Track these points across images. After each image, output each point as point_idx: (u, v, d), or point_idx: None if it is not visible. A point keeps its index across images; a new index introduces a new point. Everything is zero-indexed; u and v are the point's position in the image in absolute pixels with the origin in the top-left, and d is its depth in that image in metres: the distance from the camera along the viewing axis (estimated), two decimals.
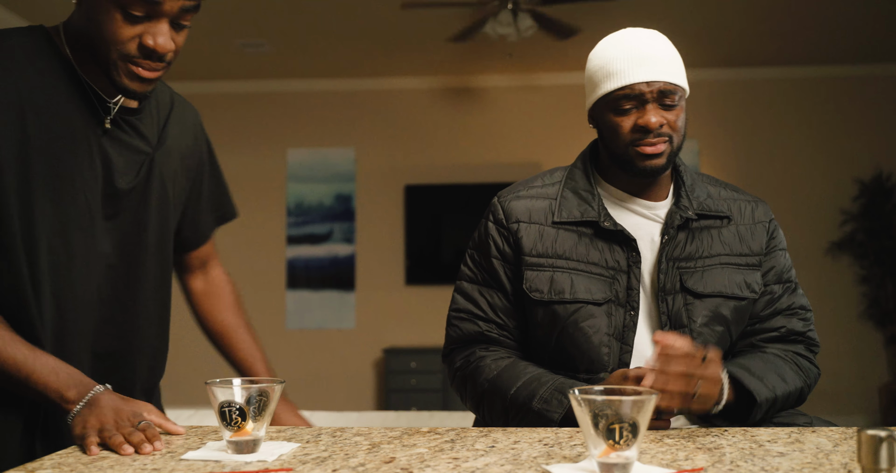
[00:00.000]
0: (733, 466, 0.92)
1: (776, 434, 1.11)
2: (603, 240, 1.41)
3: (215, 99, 6.60)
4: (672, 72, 1.38)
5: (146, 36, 1.15)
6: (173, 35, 1.18)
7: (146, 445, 1.01)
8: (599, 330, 1.37)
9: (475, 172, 6.46)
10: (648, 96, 1.36)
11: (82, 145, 1.23)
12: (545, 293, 1.40)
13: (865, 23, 5.35)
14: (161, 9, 1.14)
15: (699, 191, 1.46)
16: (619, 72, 1.37)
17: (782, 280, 1.48)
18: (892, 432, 0.77)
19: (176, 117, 1.39)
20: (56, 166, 1.20)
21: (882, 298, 5.93)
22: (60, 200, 1.20)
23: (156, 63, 1.18)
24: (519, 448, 1.04)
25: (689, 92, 1.44)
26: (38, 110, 1.19)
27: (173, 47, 1.18)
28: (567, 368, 1.40)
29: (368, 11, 5.09)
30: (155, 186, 1.33)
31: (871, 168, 6.14)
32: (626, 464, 0.87)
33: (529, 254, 1.42)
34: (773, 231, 1.50)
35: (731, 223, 1.45)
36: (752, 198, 1.52)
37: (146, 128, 1.32)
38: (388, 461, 0.97)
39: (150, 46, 1.16)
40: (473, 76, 6.54)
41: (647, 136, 1.36)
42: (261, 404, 1.01)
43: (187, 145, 1.42)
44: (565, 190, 1.47)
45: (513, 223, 1.45)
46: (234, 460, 0.98)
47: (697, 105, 6.47)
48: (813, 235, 6.08)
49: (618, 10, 4.94)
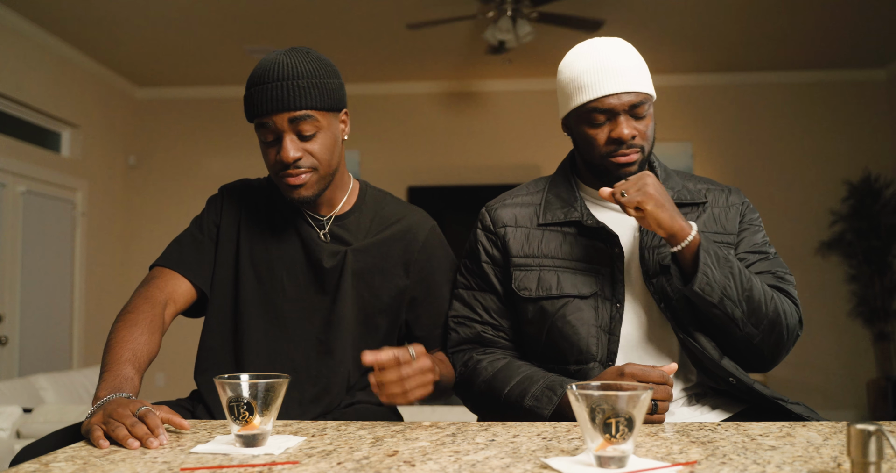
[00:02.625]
0: (726, 459, 0.94)
1: (768, 429, 1.13)
2: (586, 238, 1.46)
3: (222, 103, 6.62)
4: (640, 82, 1.41)
5: (278, 154, 1.40)
6: (304, 145, 1.39)
7: (152, 440, 1.03)
8: (587, 322, 1.41)
9: (477, 173, 6.50)
10: (619, 109, 1.39)
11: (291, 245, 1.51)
12: (533, 291, 1.45)
13: (855, 29, 5.39)
14: (276, 129, 1.38)
15: (673, 183, 1.51)
16: (590, 85, 1.41)
17: (754, 250, 1.50)
18: (881, 426, 0.79)
19: (391, 232, 1.55)
20: (261, 254, 1.51)
21: (870, 296, 5.99)
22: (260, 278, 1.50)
23: (295, 170, 1.39)
24: (518, 442, 1.06)
25: (684, 95, 1.46)
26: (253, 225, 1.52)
27: (299, 154, 1.38)
28: (557, 361, 1.44)
29: (372, 19, 5.10)
30: (347, 274, 1.50)
31: (860, 170, 6.19)
32: (622, 457, 0.89)
33: (517, 255, 1.48)
34: (746, 213, 1.53)
35: (706, 208, 1.50)
36: (725, 187, 1.56)
37: (351, 232, 1.52)
38: (392, 454, 0.99)
39: (281, 160, 1.38)
40: (475, 81, 6.58)
41: (621, 147, 1.40)
42: (268, 399, 1.03)
43: (396, 255, 1.55)
44: (549, 195, 1.53)
45: (500, 229, 1.52)
46: (241, 453, 1.00)
47: (691, 108, 6.52)
48: (803, 235, 6.13)
49: (614, 20, 4.97)
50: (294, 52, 1.40)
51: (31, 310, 5.14)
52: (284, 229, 1.51)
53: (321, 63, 1.41)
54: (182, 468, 0.92)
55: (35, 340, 5.18)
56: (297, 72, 1.37)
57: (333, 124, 1.43)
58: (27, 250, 5.11)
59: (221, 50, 5.70)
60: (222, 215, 1.53)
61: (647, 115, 1.42)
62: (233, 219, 1.52)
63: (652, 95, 1.43)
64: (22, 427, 3.09)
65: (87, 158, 5.93)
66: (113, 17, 5.03)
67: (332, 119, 1.42)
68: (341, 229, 1.51)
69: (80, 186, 5.81)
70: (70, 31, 5.27)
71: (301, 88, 1.36)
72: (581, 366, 1.41)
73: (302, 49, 1.42)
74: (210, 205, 1.57)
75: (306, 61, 1.39)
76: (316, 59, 1.41)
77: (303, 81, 1.36)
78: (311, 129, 1.38)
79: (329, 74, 1.41)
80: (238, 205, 1.54)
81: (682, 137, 6.33)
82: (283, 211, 1.52)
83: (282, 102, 1.35)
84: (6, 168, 4.91)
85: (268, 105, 1.36)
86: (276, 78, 1.36)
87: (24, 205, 5.09)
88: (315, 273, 1.48)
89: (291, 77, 1.36)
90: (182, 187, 6.62)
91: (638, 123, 1.41)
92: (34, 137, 5.45)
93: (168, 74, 6.32)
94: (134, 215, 6.63)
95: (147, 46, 5.62)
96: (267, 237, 1.51)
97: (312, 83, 1.37)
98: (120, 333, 1.32)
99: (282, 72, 1.36)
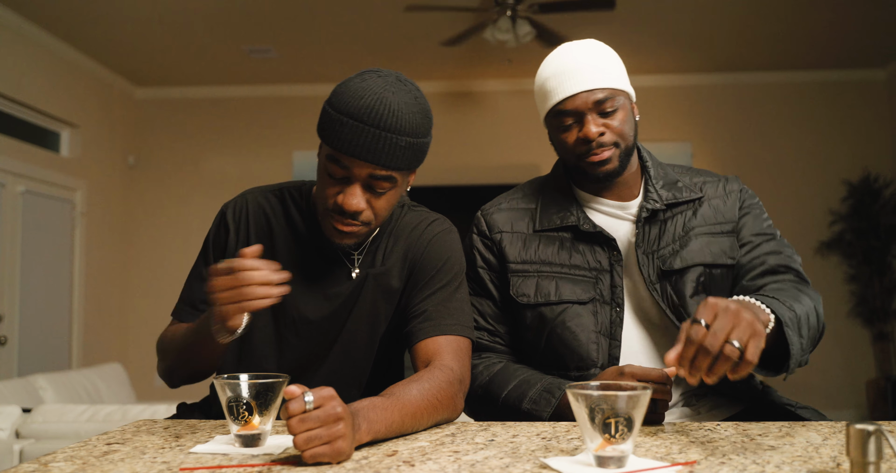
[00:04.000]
0: (726, 459, 0.94)
1: (767, 428, 1.13)
2: (584, 243, 1.45)
3: (223, 103, 6.63)
4: (603, 78, 1.40)
5: (340, 195, 1.26)
6: (370, 197, 1.27)
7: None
8: (587, 328, 1.40)
9: (476, 173, 6.50)
10: (584, 108, 1.39)
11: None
12: (532, 297, 1.44)
13: (854, 29, 5.40)
14: (351, 173, 1.24)
15: (666, 181, 1.49)
16: (553, 90, 1.41)
17: (759, 233, 1.47)
18: (880, 426, 0.80)
19: (401, 243, 1.42)
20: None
21: (869, 296, 5.99)
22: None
23: (349, 220, 1.27)
24: (517, 442, 1.06)
25: (684, 95, 1.46)
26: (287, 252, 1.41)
27: (362, 208, 1.26)
28: (558, 367, 1.43)
29: (372, 18, 5.11)
30: (368, 297, 1.40)
31: (859, 170, 6.19)
32: (621, 457, 0.89)
33: (514, 262, 1.47)
34: (745, 199, 1.51)
35: (703, 201, 1.48)
36: (722, 177, 1.55)
37: (374, 255, 1.41)
38: (391, 454, 0.99)
39: (340, 204, 1.26)
40: (474, 81, 6.59)
41: (591, 147, 1.39)
42: (267, 399, 1.03)
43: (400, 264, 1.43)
44: (544, 199, 1.51)
45: (496, 234, 1.50)
46: (241, 453, 1.00)
47: (691, 108, 6.53)
48: (803, 235, 6.14)
49: (613, 20, 4.97)
50: (403, 92, 1.24)
51: (31, 310, 5.14)
52: (303, 259, 1.39)
53: (425, 115, 1.26)
54: (181, 468, 0.92)
55: (34, 340, 5.18)
56: (403, 126, 1.21)
57: (406, 181, 1.32)
58: (26, 250, 5.11)
59: (221, 50, 5.70)
60: (227, 247, 1.42)
61: (617, 109, 1.40)
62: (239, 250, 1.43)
63: (622, 89, 1.41)
64: (21, 426, 3.09)
65: (86, 157, 5.93)
66: (112, 16, 5.03)
67: (408, 177, 1.32)
68: (366, 254, 1.41)
69: (80, 186, 5.81)
70: (69, 30, 5.27)
71: (400, 147, 1.22)
72: (582, 372, 1.40)
73: (409, 86, 1.26)
74: (213, 232, 1.45)
75: (413, 111, 1.23)
76: (422, 109, 1.26)
77: (404, 139, 1.22)
78: (386, 186, 1.26)
79: (428, 128, 1.28)
80: (247, 230, 1.42)
81: (682, 137, 6.33)
82: (302, 242, 1.40)
83: (373, 155, 1.21)
84: (5, 168, 4.91)
85: (356, 150, 1.21)
86: (378, 124, 1.20)
87: (23, 205, 5.09)
88: (333, 303, 1.39)
89: (395, 130, 1.21)
90: (181, 187, 6.62)
91: (608, 120, 1.40)
92: (33, 136, 5.45)
93: (167, 74, 6.32)
94: (133, 214, 6.63)
95: (146, 46, 5.62)
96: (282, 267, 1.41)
97: (412, 144, 1.24)
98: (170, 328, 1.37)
99: (386, 120, 1.20)
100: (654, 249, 1.43)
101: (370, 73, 1.27)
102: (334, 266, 1.39)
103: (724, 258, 1.43)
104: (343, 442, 0.93)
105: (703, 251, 1.42)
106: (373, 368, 1.44)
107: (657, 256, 1.42)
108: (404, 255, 1.40)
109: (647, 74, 6.35)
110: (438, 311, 1.34)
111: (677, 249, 1.42)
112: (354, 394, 1.40)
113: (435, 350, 1.29)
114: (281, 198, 1.45)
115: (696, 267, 1.41)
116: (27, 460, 1.91)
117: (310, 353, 1.40)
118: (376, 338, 1.42)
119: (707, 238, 1.44)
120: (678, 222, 1.45)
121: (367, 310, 1.40)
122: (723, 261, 1.43)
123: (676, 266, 1.40)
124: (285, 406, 0.92)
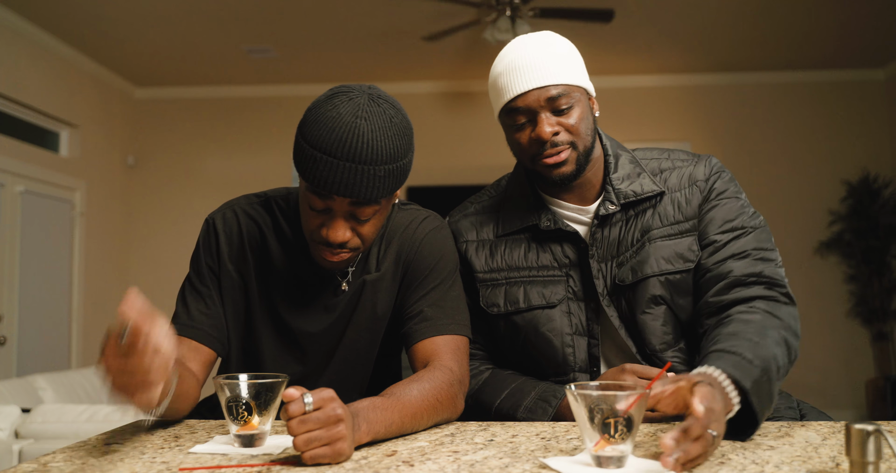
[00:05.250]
0: (725, 459, 0.94)
1: (766, 428, 1.13)
2: (549, 241, 1.40)
3: (222, 103, 6.63)
4: (555, 74, 1.31)
5: (324, 227, 1.23)
6: (355, 225, 1.23)
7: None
8: (560, 332, 1.37)
9: (475, 173, 6.50)
10: (536, 106, 1.31)
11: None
12: (501, 307, 1.41)
13: (853, 29, 5.40)
14: (332, 206, 1.20)
15: (626, 177, 1.39)
16: (504, 87, 1.34)
17: (726, 229, 1.35)
18: (879, 426, 0.79)
19: (394, 245, 1.39)
20: (274, 303, 1.37)
21: (869, 296, 6.00)
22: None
23: (336, 250, 1.25)
24: (517, 442, 1.06)
25: (683, 95, 1.44)
26: (267, 271, 1.37)
27: (348, 238, 1.23)
28: (537, 373, 1.41)
29: (371, 19, 5.11)
30: (367, 303, 1.38)
31: (858, 170, 6.20)
32: (620, 457, 0.89)
33: (482, 271, 1.44)
34: (712, 187, 1.38)
35: (665, 195, 1.39)
36: (692, 159, 1.43)
37: (367, 260, 1.39)
38: (390, 454, 0.99)
39: (325, 237, 1.23)
40: (473, 81, 6.58)
41: (545, 147, 1.32)
42: (267, 399, 1.03)
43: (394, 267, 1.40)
44: (507, 201, 1.46)
45: (461, 244, 1.46)
46: (240, 453, 1.00)
47: (689, 108, 6.53)
48: (802, 235, 6.14)
49: (613, 20, 4.96)
50: (375, 115, 1.16)
51: (30, 310, 5.14)
52: (300, 274, 1.37)
53: (402, 134, 1.19)
54: (181, 468, 0.92)
55: (34, 340, 5.18)
56: (379, 155, 1.15)
57: (391, 200, 1.26)
58: (26, 250, 5.10)
59: (220, 50, 5.70)
60: (220, 264, 1.36)
61: (572, 106, 1.31)
62: (236, 268, 1.37)
63: (577, 84, 1.33)
64: (20, 427, 3.09)
65: (85, 158, 5.93)
66: (112, 16, 5.03)
67: (392, 196, 1.25)
68: (359, 262, 1.38)
69: (79, 186, 5.81)
70: (69, 30, 5.26)
71: (379, 177, 1.16)
72: (560, 377, 1.38)
73: (383, 105, 1.18)
74: (204, 246, 1.38)
75: (388, 136, 1.16)
76: (398, 129, 1.18)
77: (382, 168, 1.16)
78: (371, 213, 1.21)
79: (406, 148, 1.20)
80: (238, 245, 1.37)
81: (681, 137, 6.33)
82: (295, 254, 1.37)
83: (351, 190, 1.16)
84: (5, 168, 4.91)
85: (333, 187, 1.15)
86: (351, 157, 1.14)
87: (22, 205, 5.08)
88: (334, 315, 1.37)
89: (371, 161, 1.14)
90: (181, 188, 6.61)
91: (563, 118, 1.31)
92: (33, 136, 5.45)
93: (167, 74, 6.32)
94: (132, 215, 6.62)
95: (146, 46, 5.62)
96: (281, 284, 1.37)
97: (390, 170, 1.17)
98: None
99: (359, 152, 1.13)
100: (612, 254, 1.37)
101: (340, 96, 1.18)
102: (328, 277, 1.37)
103: (681, 263, 1.34)
104: (343, 444, 0.93)
105: (656, 261, 1.34)
106: (373, 370, 1.44)
107: (615, 263, 1.36)
108: (397, 256, 1.38)
109: (646, 74, 6.36)
110: (434, 311, 1.33)
111: (629, 258, 1.36)
112: (355, 397, 1.39)
113: (433, 351, 1.29)
114: (268, 208, 1.40)
115: (649, 280, 1.33)
116: (26, 460, 1.91)
117: (313, 363, 1.40)
118: (377, 343, 1.41)
119: (662, 242, 1.35)
120: (637, 224, 1.37)
121: (367, 317, 1.38)
122: (679, 267, 1.34)
123: (628, 280, 1.34)
124: (285, 408, 0.92)
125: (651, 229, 1.36)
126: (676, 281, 1.34)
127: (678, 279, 1.34)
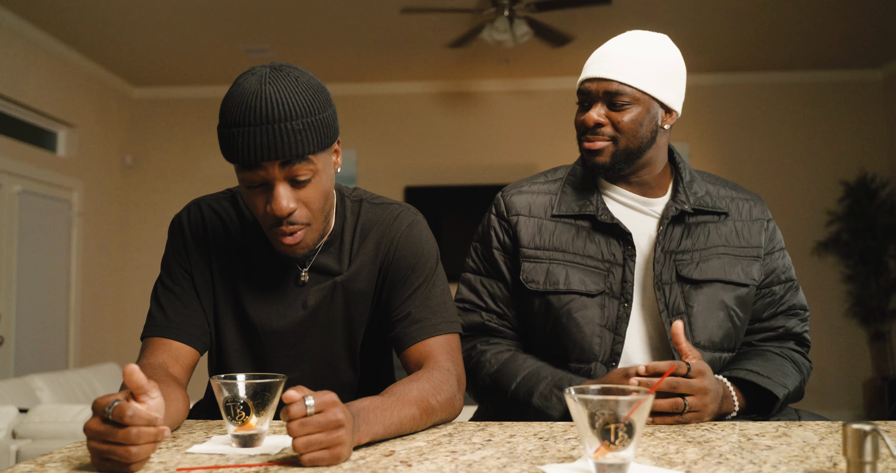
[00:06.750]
0: (722, 459, 0.94)
1: (764, 428, 1.13)
2: (600, 233, 1.43)
3: (219, 103, 6.51)
4: (624, 73, 1.36)
5: (268, 205, 1.19)
6: (297, 193, 1.19)
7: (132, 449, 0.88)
8: (592, 321, 1.39)
9: (473, 173, 6.51)
10: (595, 94, 1.39)
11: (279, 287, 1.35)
12: (541, 284, 1.43)
13: (850, 29, 5.41)
14: (267, 176, 1.17)
15: (697, 187, 1.47)
16: (585, 68, 1.43)
17: (783, 280, 1.49)
18: (876, 426, 0.80)
19: (370, 243, 1.36)
20: (241, 300, 1.35)
21: (866, 296, 6.01)
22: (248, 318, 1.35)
23: (289, 227, 1.20)
24: (515, 442, 1.06)
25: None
26: (233, 264, 1.34)
27: (294, 208, 1.18)
28: (559, 357, 1.42)
29: (369, 18, 5.11)
30: (338, 304, 1.35)
31: (856, 170, 6.21)
32: (621, 465, 0.86)
33: (527, 246, 1.45)
34: (773, 231, 1.51)
35: (728, 219, 1.47)
36: (750, 196, 1.53)
37: (336, 258, 1.35)
38: (388, 454, 0.99)
39: (272, 213, 1.18)
40: (471, 81, 6.59)
41: (586, 132, 1.40)
42: (264, 399, 1.03)
43: (372, 266, 1.36)
44: (566, 186, 1.49)
45: (513, 216, 1.48)
46: (238, 453, 1.00)
47: (688, 108, 6.50)
48: (800, 235, 6.15)
49: (611, 19, 4.98)
50: (279, 79, 1.16)
51: (28, 310, 5.14)
52: (263, 269, 1.34)
53: (313, 91, 1.18)
54: (178, 468, 0.92)
55: (31, 340, 5.17)
56: (289, 110, 1.14)
57: (328, 162, 1.23)
58: (23, 250, 5.10)
59: (218, 49, 5.69)
60: (190, 260, 1.34)
61: (629, 107, 1.37)
62: (203, 262, 1.34)
63: (646, 91, 1.37)
64: (18, 427, 3.09)
65: (83, 157, 5.92)
66: (109, 16, 5.03)
67: (326, 157, 1.22)
68: (326, 256, 1.34)
69: (76, 185, 5.81)
70: (66, 30, 5.26)
71: (296, 131, 1.15)
72: (582, 365, 1.40)
73: (286, 70, 1.19)
74: (172, 246, 1.37)
75: (297, 92, 1.16)
76: (307, 86, 1.18)
77: (297, 121, 1.15)
78: (307, 173, 1.18)
79: (323, 104, 1.19)
80: (206, 243, 1.35)
81: (680, 137, 6.34)
82: (258, 247, 1.35)
83: (274, 150, 1.14)
84: (2, 168, 4.90)
85: (256, 153, 1.14)
86: (264, 119, 1.14)
87: (20, 205, 5.08)
88: (300, 314, 1.34)
89: (283, 118, 1.14)
90: (178, 187, 6.61)
91: (616, 113, 1.38)
92: (30, 136, 5.44)
93: (164, 74, 6.32)
94: (130, 214, 6.62)
95: (143, 46, 5.62)
96: (245, 279, 1.34)
97: (308, 123, 1.16)
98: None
99: (270, 111, 1.13)
100: (674, 249, 1.42)
101: (244, 76, 1.19)
102: (289, 267, 1.34)
103: (745, 278, 1.43)
104: (342, 449, 0.93)
105: (723, 269, 1.42)
106: (361, 373, 1.40)
107: (675, 258, 1.41)
108: (374, 254, 1.35)
109: None
110: (422, 311, 1.30)
111: (697, 259, 1.42)
112: (347, 399, 1.37)
113: (427, 353, 1.27)
114: (234, 203, 1.38)
115: (714, 283, 1.41)
116: (24, 460, 1.91)
117: (284, 366, 1.35)
118: (356, 345, 1.38)
119: (729, 258, 1.44)
120: (702, 233, 1.44)
121: (340, 318, 1.35)
122: (744, 280, 1.43)
123: (694, 277, 1.40)
124: (286, 409, 0.91)
125: (717, 246, 1.44)
126: (742, 296, 1.44)
127: (743, 294, 1.44)
